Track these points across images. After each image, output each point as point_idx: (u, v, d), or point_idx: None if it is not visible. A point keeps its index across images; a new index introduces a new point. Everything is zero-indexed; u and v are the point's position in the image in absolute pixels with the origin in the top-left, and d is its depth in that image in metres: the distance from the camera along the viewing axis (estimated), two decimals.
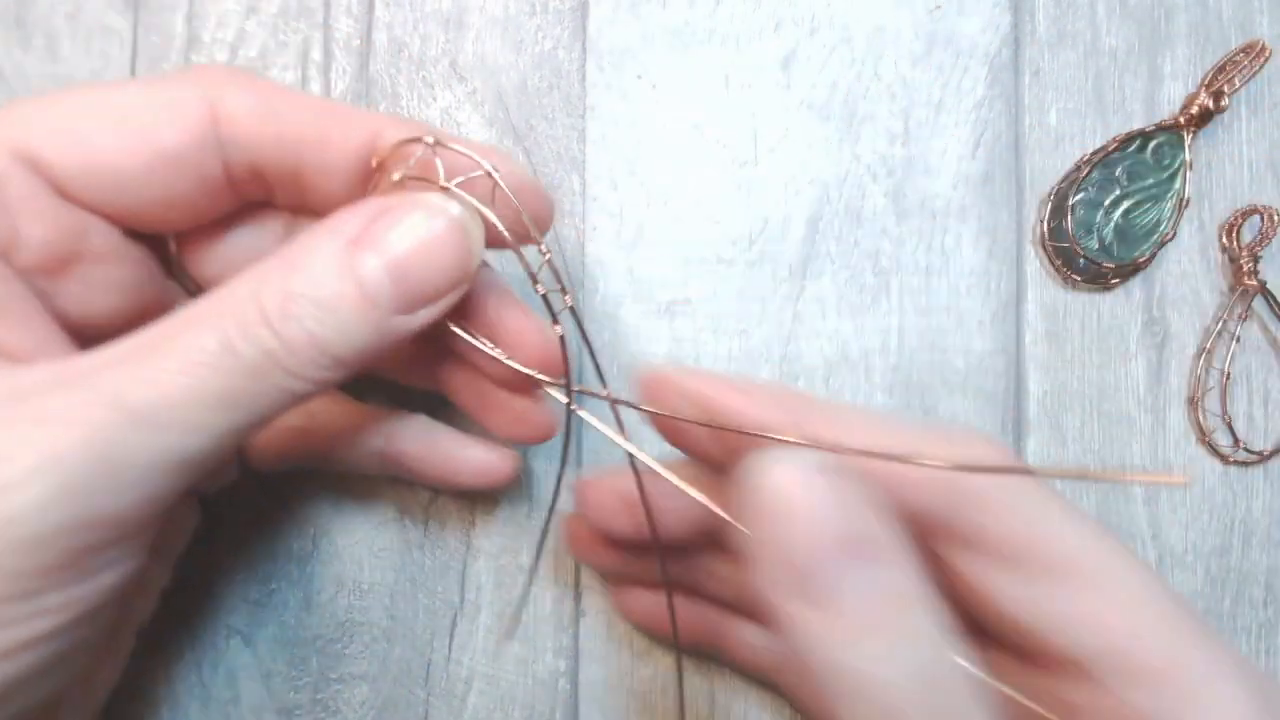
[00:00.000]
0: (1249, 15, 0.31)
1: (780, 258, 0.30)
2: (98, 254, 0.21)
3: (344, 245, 0.19)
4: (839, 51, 0.31)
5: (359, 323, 0.19)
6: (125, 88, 0.21)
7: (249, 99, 0.20)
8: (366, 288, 0.19)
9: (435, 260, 0.20)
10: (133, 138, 0.20)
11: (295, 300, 0.18)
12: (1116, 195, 0.30)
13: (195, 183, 0.21)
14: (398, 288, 0.19)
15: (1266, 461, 0.30)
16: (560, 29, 0.31)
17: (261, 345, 0.18)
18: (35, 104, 0.20)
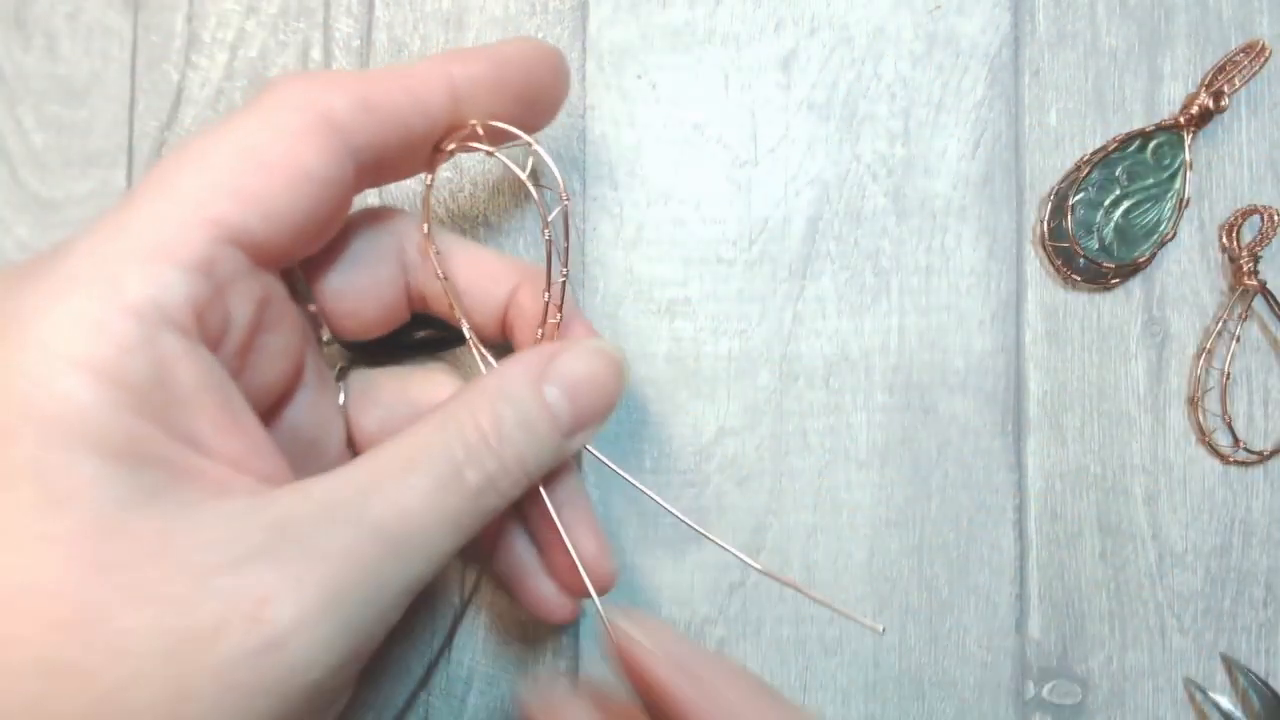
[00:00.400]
0: (1249, 15, 0.31)
1: (780, 258, 0.30)
2: (275, 321, 0.21)
3: (536, 377, 0.22)
4: (839, 51, 0.31)
5: (548, 443, 0.22)
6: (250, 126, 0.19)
7: (346, 98, 0.20)
8: (554, 413, 0.22)
9: (601, 390, 0.23)
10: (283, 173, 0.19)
11: (506, 423, 0.21)
12: (1116, 195, 0.30)
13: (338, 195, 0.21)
14: (573, 412, 0.22)
15: (1266, 461, 0.30)
16: (560, 29, 0.31)
17: (485, 469, 0.20)
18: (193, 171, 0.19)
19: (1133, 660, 0.30)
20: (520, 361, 0.22)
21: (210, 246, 0.18)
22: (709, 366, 0.30)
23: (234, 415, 0.19)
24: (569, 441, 0.22)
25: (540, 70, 0.23)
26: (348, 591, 0.17)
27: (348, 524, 0.18)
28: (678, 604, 0.29)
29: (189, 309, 0.18)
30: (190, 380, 0.18)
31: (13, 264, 0.19)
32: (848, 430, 0.30)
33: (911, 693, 0.29)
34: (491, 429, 0.20)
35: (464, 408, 0.21)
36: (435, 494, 0.19)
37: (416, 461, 0.19)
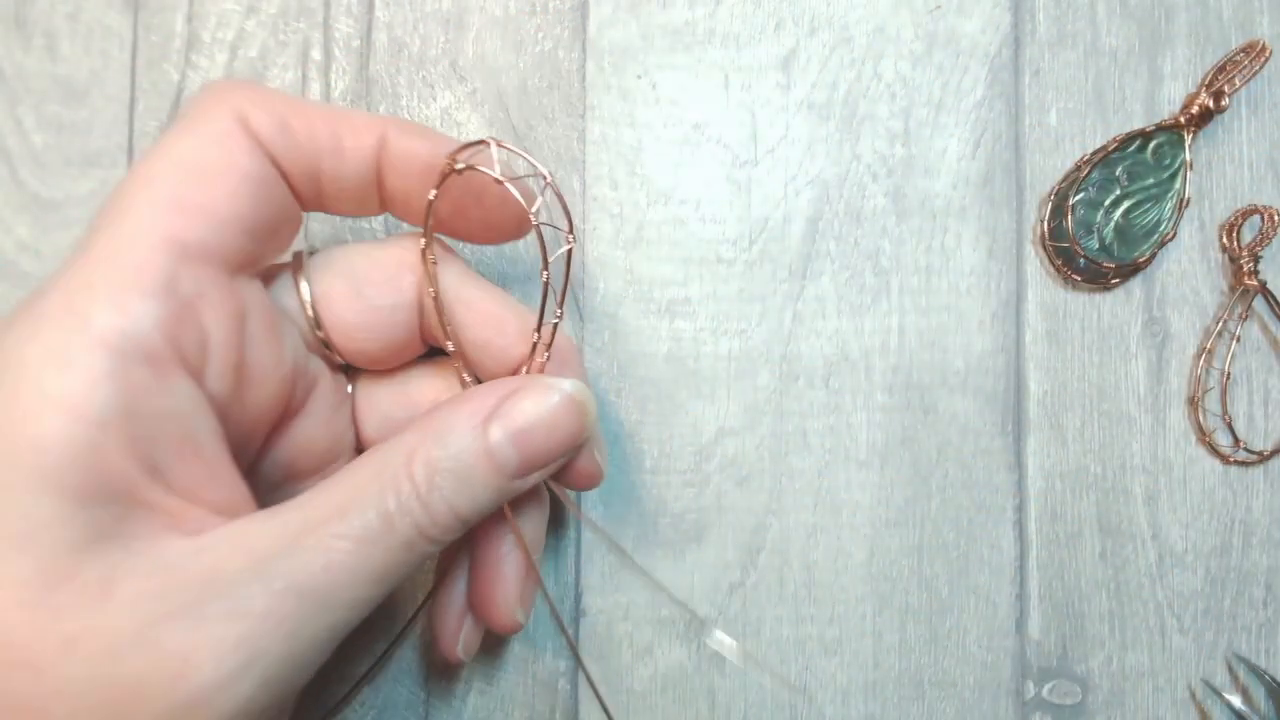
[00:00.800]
0: (1249, 15, 0.31)
1: (780, 258, 0.30)
2: (258, 336, 0.21)
3: (480, 421, 0.21)
4: (839, 51, 0.31)
5: (488, 488, 0.21)
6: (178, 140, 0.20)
7: (265, 114, 0.21)
8: (496, 459, 0.21)
9: (554, 432, 0.22)
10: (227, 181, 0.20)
11: (441, 473, 0.20)
12: (1117, 195, 0.30)
13: (281, 197, 0.21)
14: (521, 456, 0.22)
15: (1266, 461, 0.30)
16: (560, 29, 0.31)
17: (414, 519, 0.20)
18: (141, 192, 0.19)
19: (1133, 660, 0.30)
20: (469, 400, 0.22)
21: (170, 265, 0.19)
22: (709, 366, 0.30)
23: (196, 443, 0.19)
24: (519, 482, 0.22)
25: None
26: (268, 649, 0.18)
27: (272, 581, 0.18)
28: (678, 604, 0.29)
29: (159, 333, 0.18)
30: (156, 409, 0.18)
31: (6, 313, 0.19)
32: (848, 430, 0.30)
33: (911, 693, 0.29)
34: (423, 480, 0.20)
35: (401, 451, 0.21)
36: (362, 548, 0.19)
37: (346, 512, 0.19)
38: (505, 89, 0.30)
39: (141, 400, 0.18)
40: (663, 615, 0.29)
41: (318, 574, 0.18)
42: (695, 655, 0.29)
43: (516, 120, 0.30)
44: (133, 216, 0.19)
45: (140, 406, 0.18)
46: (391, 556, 0.20)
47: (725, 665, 0.29)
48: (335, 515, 0.19)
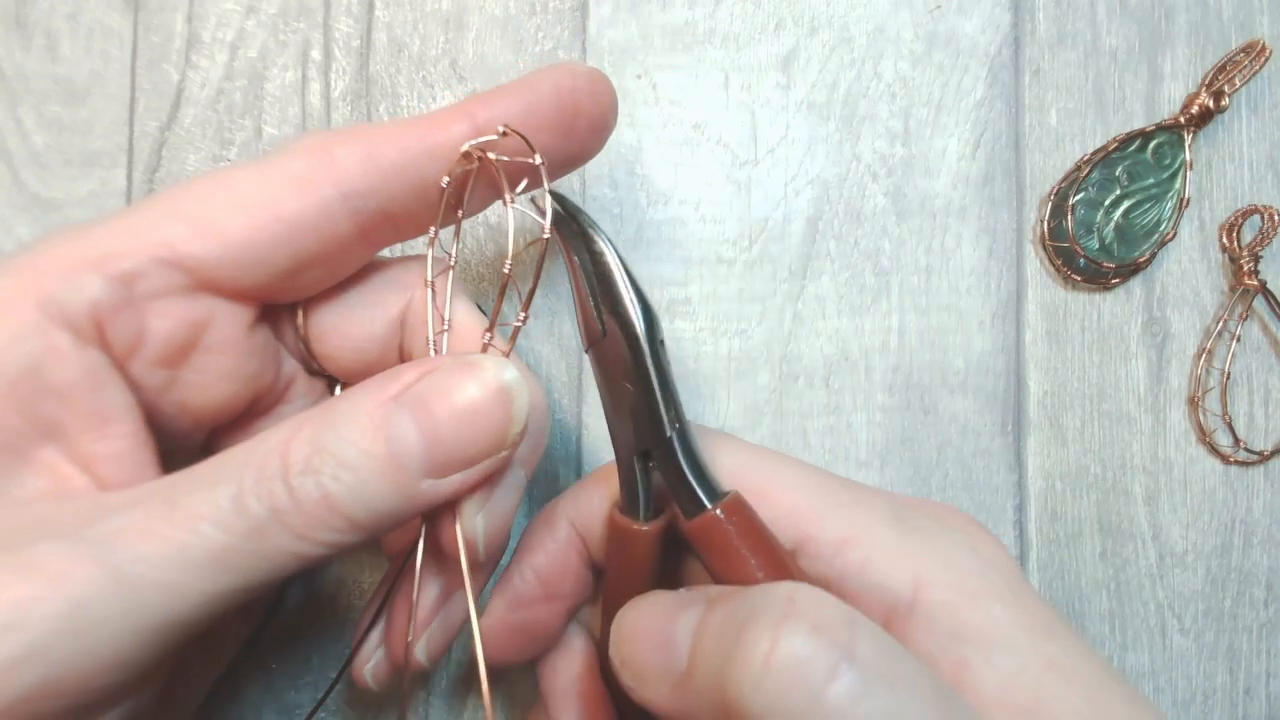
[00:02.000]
0: (1249, 15, 0.31)
1: (780, 258, 0.30)
2: (218, 344, 0.21)
3: (384, 401, 0.18)
4: (839, 51, 0.31)
5: (380, 484, 0.18)
6: (243, 171, 0.20)
7: (353, 148, 0.20)
8: (394, 447, 0.18)
9: (473, 427, 0.19)
10: (257, 214, 0.20)
11: (320, 454, 0.18)
12: (1117, 195, 0.30)
13: (324, 244, 0.21)
14: (430, 452, 0.18)
15: (1267, 461, 0.30)
16: (560, 29, 0.31)
17: (272, 502, 0.17)
18: (167, 200, 0.20)
19: (1133, 660, 0.30)
20: (375, 381, 0.19)
21: (143, 263, 0.19)
22: (709, 366, 0.30)
23: (103, 417, 0.19)
24: (431, 484, 0.19)
25: (577, 97, 0.21)
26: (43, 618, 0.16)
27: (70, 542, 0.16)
28: None
29: (90, 312, 0.19)
30: (67, 374, 0.19)
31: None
32: (848, 430, 0.30)
33: None
34: (299, 459, 0.18)
35: (286, 430, 0.18)
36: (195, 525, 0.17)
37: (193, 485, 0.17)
38: None
39: (55, 364, 0.18)
40: None
41: (133, 548, 0.16)
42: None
43: None
44: (148, 213, 0.20)
45: (52, 369, 0.19)
46: (235, 543, 0.17)
47: None
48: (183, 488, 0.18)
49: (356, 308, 0.23)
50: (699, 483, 0.21)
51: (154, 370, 0.20)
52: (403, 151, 0.20)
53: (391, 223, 0.21)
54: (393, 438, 0.18)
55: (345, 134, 0.21)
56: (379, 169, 0.20)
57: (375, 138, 0.21)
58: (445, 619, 0.23)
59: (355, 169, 0.20)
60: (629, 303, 0.20)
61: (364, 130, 0.21)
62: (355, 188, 0.20)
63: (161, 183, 0.30)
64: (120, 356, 0.20)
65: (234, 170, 0.21)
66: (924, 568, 0.20)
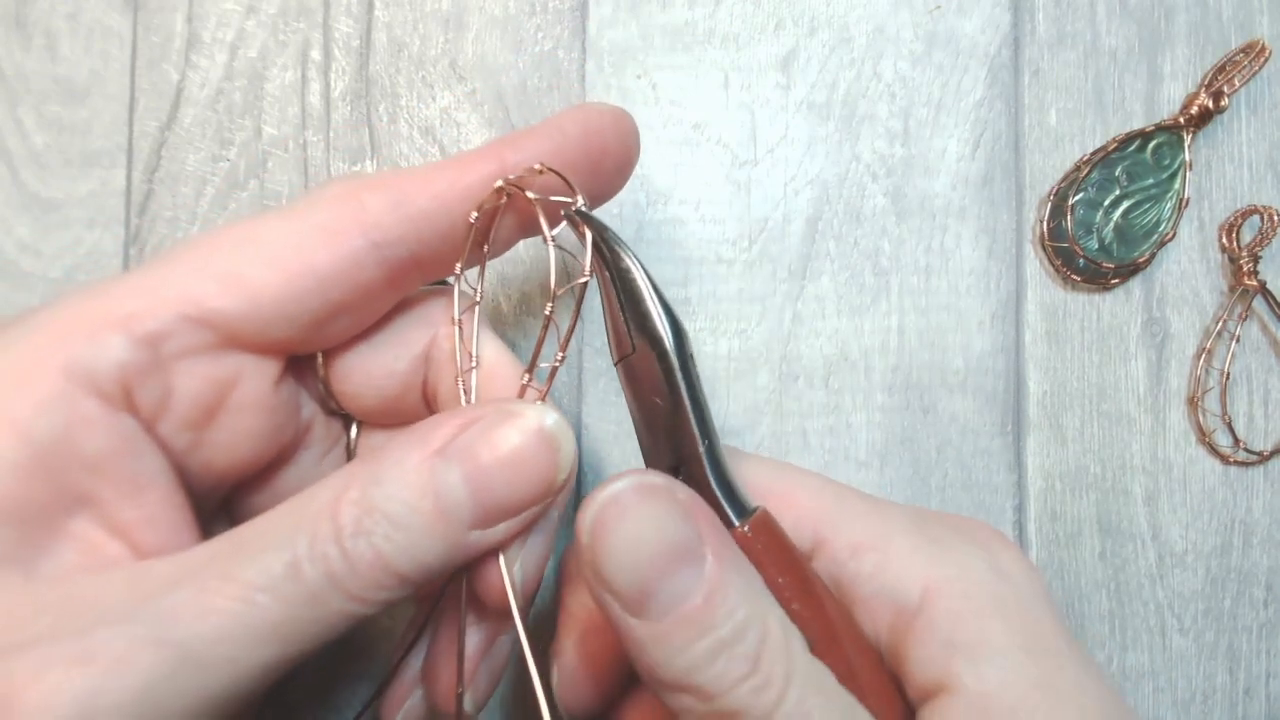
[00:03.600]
0: (1249, 15, 0.31)
1: (780, 258, 0.30)
2: (245, 403, 0.20)
3: (428, 455, 0.18)
4: (839, 51, 0.31)
5: (430, 540, 0.18)
6: (271, 221, 0.20)
7: (381, 194, 0.20)
8: (443, 502, 0.18)
9: (520, 474, 0.19)
10: (287, 267, 0.19)
11: (370, 514, 0.17)
12: (1116, 195, 0.30)
13: (353, 293, 0.20)
14: (477, 501, 0.18)
15: (1266, 461, 0.30)
16: (560, 29, 0.31)
17: (328, 566, 0.17)
18: (191, 253, 0.19)
19: (1133, 660, 0.30)
20: (418, 435, 0.19)
21: (170, 322, 0.19)
22: (709, 366, 0.30)
23: (141, 484, 0.19)
24: (479, 535, 0.19)
25: (604, 138, 0.21)
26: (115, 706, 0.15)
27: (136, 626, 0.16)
28: None
29: (116, 375, 0.18)
30: (98, 443, 0.18)
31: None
32: (848, 430, 0.30)
33: None
34: (350, 521, 0.17)
35: (330, 487, 0.18)
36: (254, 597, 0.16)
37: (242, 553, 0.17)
38: (505, 89, 0.30)
39: (85, 432, 0.18)
40: None
41: (191, 624, 0.16)
42: None
43: (516, 120, 0.30)
44: (174, 267, 0.19)
45: (83, 438, 0.18)
46: (292, 612, 0.17)
47: None
48: (233, 557, 0.17)
49: (379, 346, 0.22)
50: (727, 499, 0.20)
51: (181, 433, 0.20)
52: (433, 198, 0.20)
53: (420, 267, 0.21)
54: (441, 493, 0.18)
55: (375, 181, 0.20)
56: (409, 216, 0.20)
57: (405, 184, 0.20)
58: (490, 666, 0.23)
59: (385, 217, 0.20)
60: (657, 319, 0.20)
61: (393, 177, 0.20)
62: (385, 236, 0.20)
63: (161, 183, 0.30)
64: (148, 420, 0.19)
65: (261, 220, 0.20)
66: (936, 576, 0.20)
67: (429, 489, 0.18)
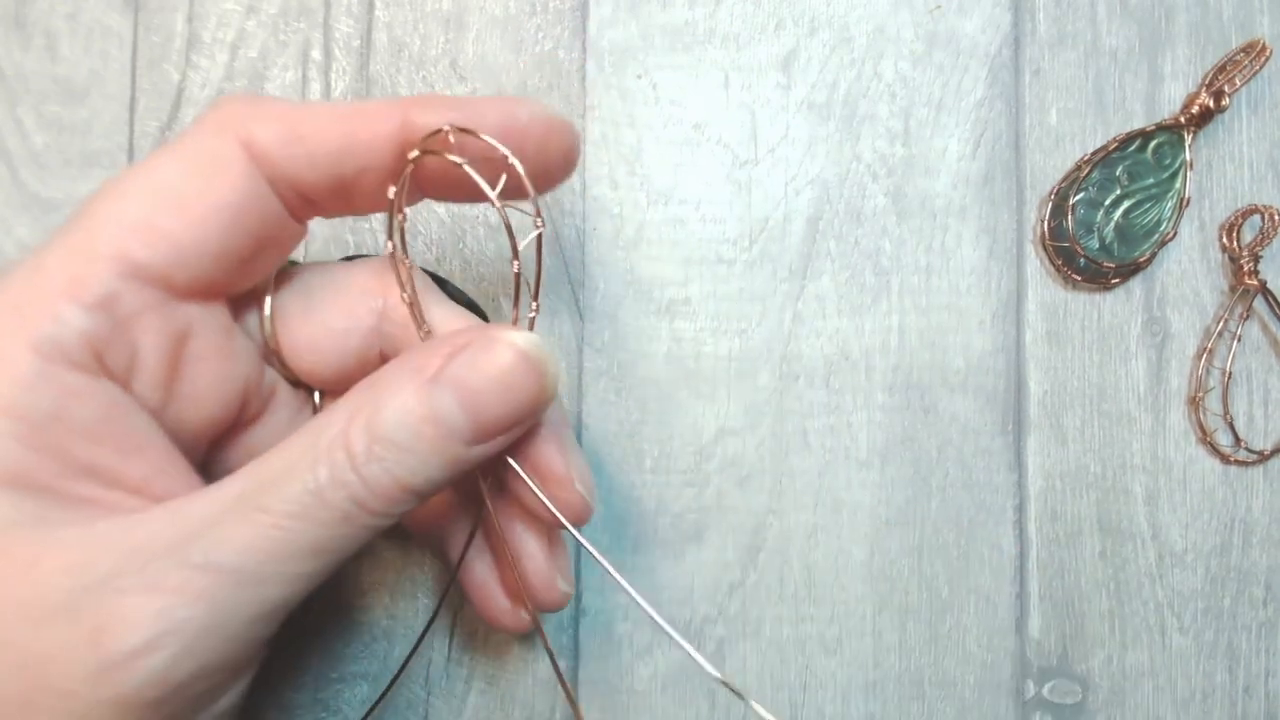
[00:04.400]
0: (1249, 15, 0.31)
1: (780, 257, 0.30)
2: (203, 353, 0.21)
3: (422, 383, 0.20)
4: (839, 51, 0.30)
5: (435, 457, 0.20)
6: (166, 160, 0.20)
7: (273, 127, 0.20)
8: (443, 424, 0.20)
9: (509, 393, 0.20)
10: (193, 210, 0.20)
11: (380, 442, 0.19)
12: (1117, 195, 0.30)
13: (264, 224, 0.21)
14: (472, 422, 0.20)
15: (1267, 461, 0.30)
16: (560, 29, 0.31)
17: (350, 491, 0.19)
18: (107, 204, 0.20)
19: (1133, 660, 0.30)
20: (410, 359, 0.20)
21: (113, 283, 0.19)
22: (709, 366, 0.30)
23: (136, 441, 0.20)
24: (477, 449, 0.20)
25: (532, 135, 0.22)
26: (187, 622, 0.18)
27: (190, 556, 0.18)
28: (677, 604, 0.29)
29: (85, 345, 0.19)
30: (89, 413, 0.19)
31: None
32: (848, 430, 0.30)
33: (911, 692, 0.29)
34: (361, 449, 0.19)
35: (337, 418, 0.20)
36: (291, 523, 0.18)
37: (273, 486, 0.19)
38: (505, 89, 0.30)
39: (73, 404, 0.19)
40: (663, 615, 0.29)
41: (240, 550, 0.18)
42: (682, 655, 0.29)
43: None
44: (92, 230, 0.20)
45: (72, 410, 0.19)
46: (326, 531, 0.19)
47: (725, 665, 0.29)
48: (261, 489, 0.19)
49: (326, 323, 0.23)
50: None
51: (153, 391, 0.20)
52: (324, 145, 0.21)
53: (323, 205, 0.22)
54: (440, 418, 0.20)
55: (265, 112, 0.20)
56: (298, 156, 0.20)
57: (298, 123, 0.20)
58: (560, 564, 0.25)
59: (276, 153, 0.20)
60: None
61: (287, 111, 0.21)
62: (275, 173, 0.20)
63: None
64: (123, 382, 0.20)
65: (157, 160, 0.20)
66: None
67: (428, 415, 0.19)
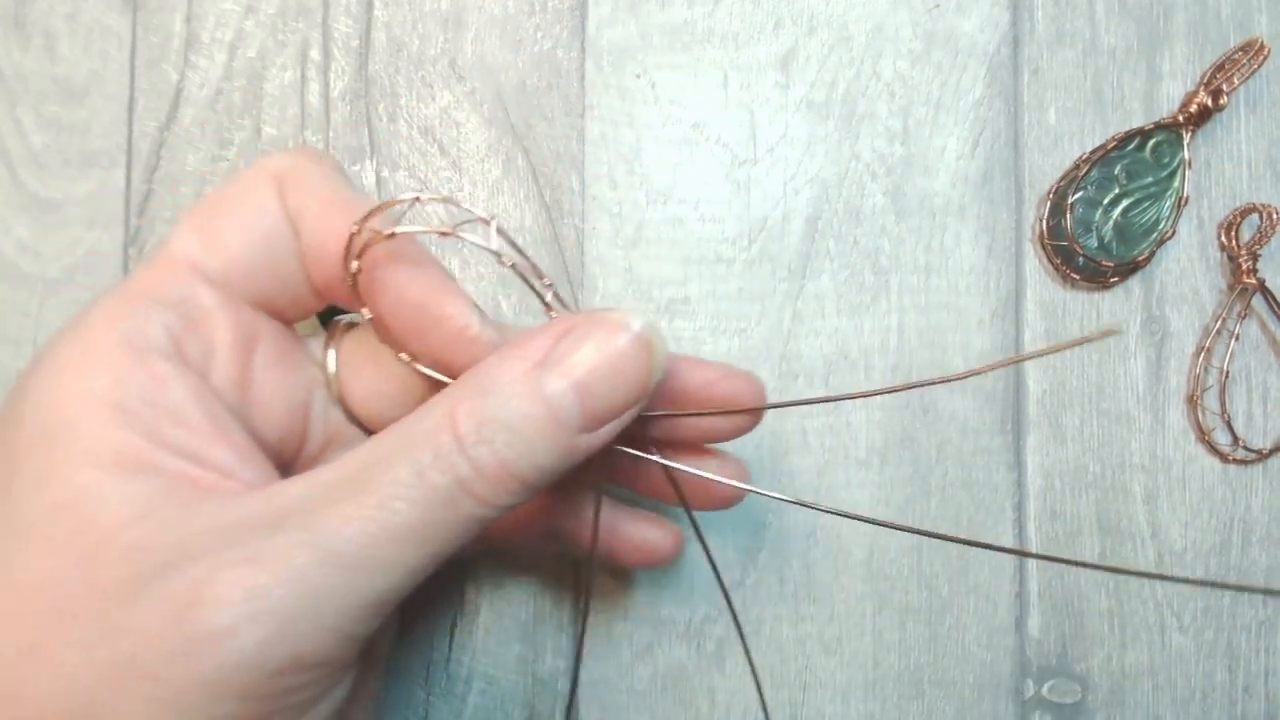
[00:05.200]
0: (1248, 13, 0.31)
1: (780, 257, 0.30)
2: (271, 359, 0.22)
3: (530, 368, 0.19)
4: (838, 50, 0.31)
5: (547, 444, 0.19)
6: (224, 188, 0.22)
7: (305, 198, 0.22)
8: (554, 409, 0.19)
9: (619, 378, 0.20)
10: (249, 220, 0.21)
11: (488, 424, 0.19)
12: (1115, 194, 0.30)
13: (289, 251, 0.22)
14: (584, 406, 0.19)
15: (1265, 460, 0.30)
16: (559, 28, 0.31)
17: (455, 473, 0.18)
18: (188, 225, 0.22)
19: (1132, 659, 0.30)
20: (516, 347, 0.20)
21: (188, 284, 0.21)
22: None
23: (221, 428, 0.20)
24: (586, 438, 0.20)
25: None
26: (280, 602, 0.17)
27: (285, 533, 0.18)
28: (677, 604, 0.29)
29: (166, 336, 0.20)
30: (178, 397, 0.20)
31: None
32: (847, 429, 0.30)
33: (911, 692, 0.29)
34: (471, 430, 0.19)
35: (439, 407, 0.19)
36: (390, 503, 0.18)
37: (370, 469, 0.19)
38: (504, 88, 0.30)
39: (164, 389, 0.19)
40: (663, 615, 0.29)
41: (339, 530, 0.18)
42: (695, 655, 0.29)
43: (515, 120, 0.30)
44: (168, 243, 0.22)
45: (164, 395, 0.19)
46: (430, 515, 0.18)
47: (725, 665, 0.29)
48: (361, 472, 0.19)
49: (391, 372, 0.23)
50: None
51: (228, 385, 0.21)
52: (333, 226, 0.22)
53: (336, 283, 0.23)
54: (550, 399, 0.19)
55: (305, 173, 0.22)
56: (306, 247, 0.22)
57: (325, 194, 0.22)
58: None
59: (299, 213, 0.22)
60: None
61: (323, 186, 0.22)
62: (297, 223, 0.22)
63: (160, 183, 0.30)
64: (201, 373, 0.21)
65: (218, 191, 0.22)
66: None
67: (539, 397, 0.19)
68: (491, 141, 0.30)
